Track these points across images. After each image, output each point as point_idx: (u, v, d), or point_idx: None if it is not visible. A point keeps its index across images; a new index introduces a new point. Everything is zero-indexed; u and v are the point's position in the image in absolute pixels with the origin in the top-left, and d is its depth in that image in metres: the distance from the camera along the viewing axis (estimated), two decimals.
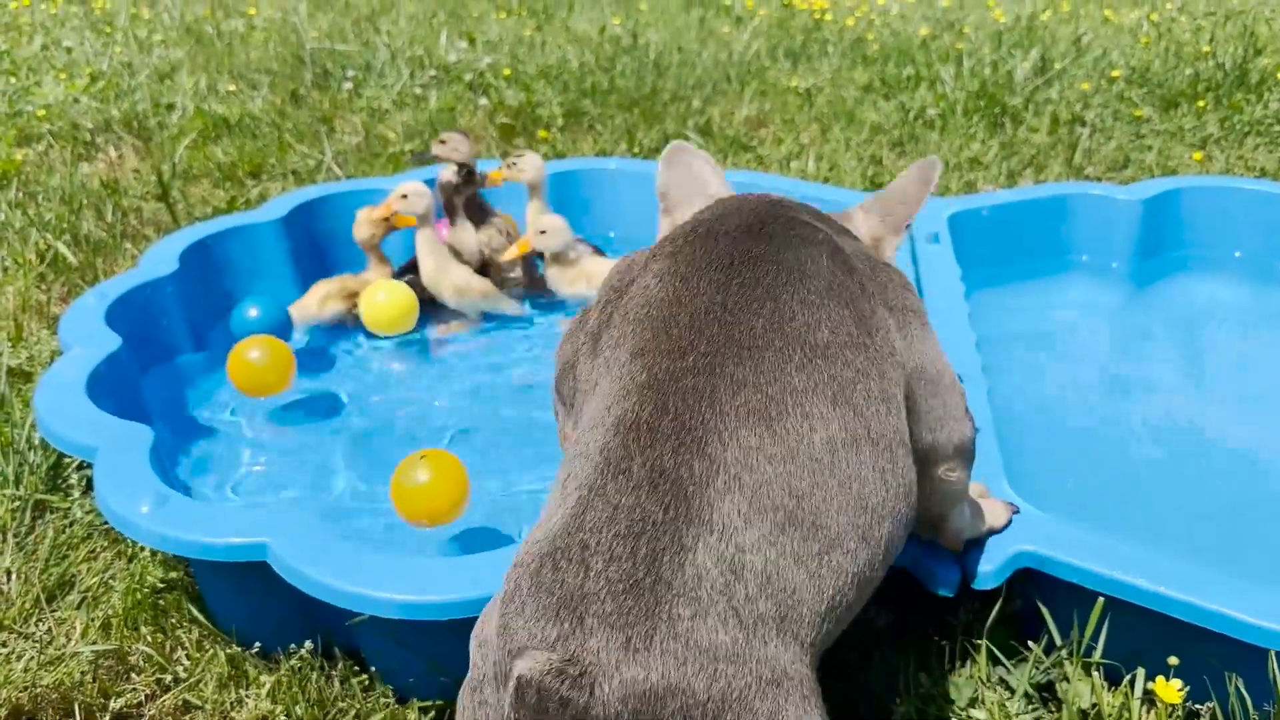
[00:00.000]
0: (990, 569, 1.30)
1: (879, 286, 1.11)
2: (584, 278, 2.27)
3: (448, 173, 2.30)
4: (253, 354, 1.86)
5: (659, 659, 0.79)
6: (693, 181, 1.30)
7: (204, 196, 3.09)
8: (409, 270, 2.28)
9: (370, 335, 2.16)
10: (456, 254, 2.29)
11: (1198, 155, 3.18)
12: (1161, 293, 2.39)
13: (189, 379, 2.02)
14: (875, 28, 4.95)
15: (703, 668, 0.79)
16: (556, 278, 2.30)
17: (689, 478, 0.86)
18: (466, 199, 2.32)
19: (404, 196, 2.18)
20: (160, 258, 2.08)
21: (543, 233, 2.24)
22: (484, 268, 2.34)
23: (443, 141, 2.29)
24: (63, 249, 2.59)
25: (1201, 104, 3.59)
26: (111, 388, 1.67)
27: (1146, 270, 2.41)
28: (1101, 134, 3.41)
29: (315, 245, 2.39)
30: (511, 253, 2.27)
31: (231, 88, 4.08)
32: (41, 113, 3.74)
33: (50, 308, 2.38)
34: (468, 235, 2.33)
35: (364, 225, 2.22)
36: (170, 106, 3.89)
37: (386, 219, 2.20)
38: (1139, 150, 3.28)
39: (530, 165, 2.30)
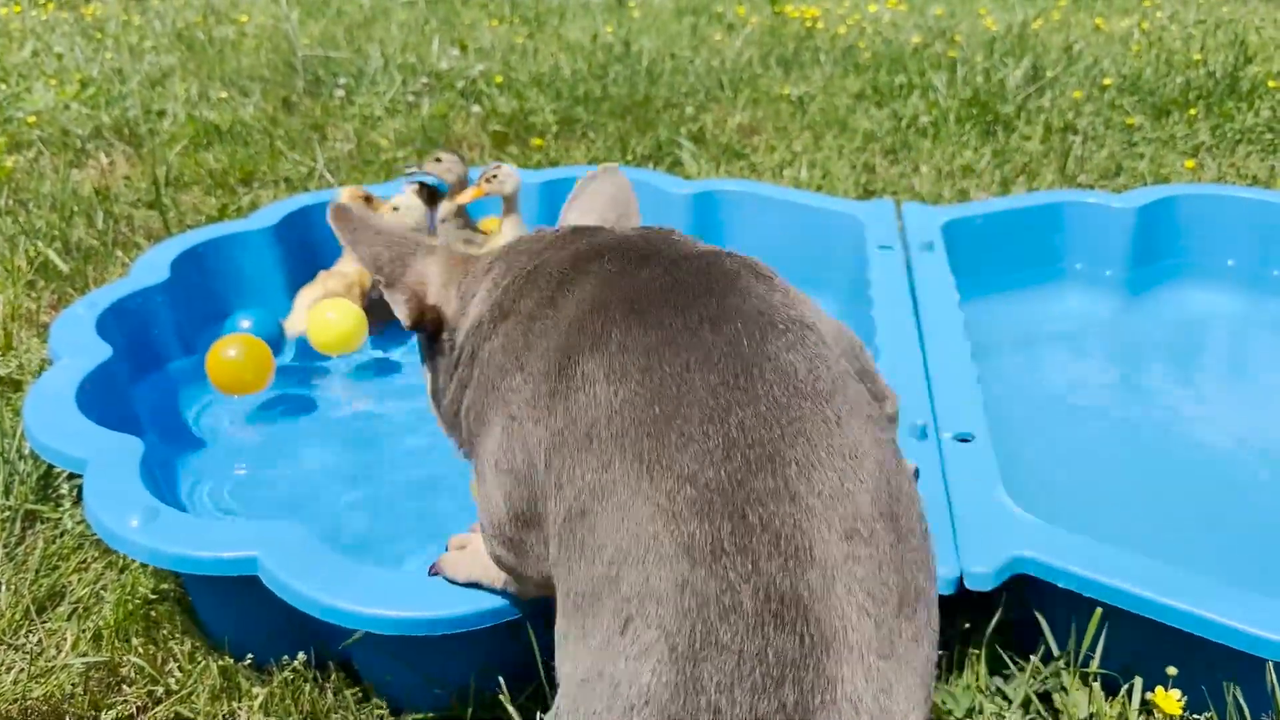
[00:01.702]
0: (987, 571, 1.29)
1: (789, 288, 1.02)
2: None
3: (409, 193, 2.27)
4: (230, 352, 1.85)
5: None
6: (610, 205, 1.22)
7: (195, 204, 3.08)
8: None
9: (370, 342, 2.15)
10: None
11: (1190, 163, 3.19)
12: (1155, 301, 2.39)
13: (180, 388, 2.01)
14: (867, 36, 4.96)
15: None
16: None
17: (810, 595, 0.73)
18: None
19: (493, 178, 2.23)
20: (151, 266, 2.06)
21: (493, 178, 2.25)
22: None
23: (438, 159, 2.28)
24: (53, 256, 2.57)
25: (1193, 112, 3.61)
26: (102, 398, 1.66)
27: (1140, 278, 2.41)
28: (1094, 142, 3.42)
29: (307, 253, 2.38)
30: (468, 195, 2.28)
31: (223, 95, 4.07)
32: (32, 119, 3.73)
33: (40, 316, 2.36)
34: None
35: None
36: (161, 113, 3.88)
37: (368, 199, 2.24)
38: (1131, 158, 3.29)
39: (508, 177, 2.29)
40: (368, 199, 2.25)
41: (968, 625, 1.40)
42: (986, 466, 1.46)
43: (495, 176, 2.28)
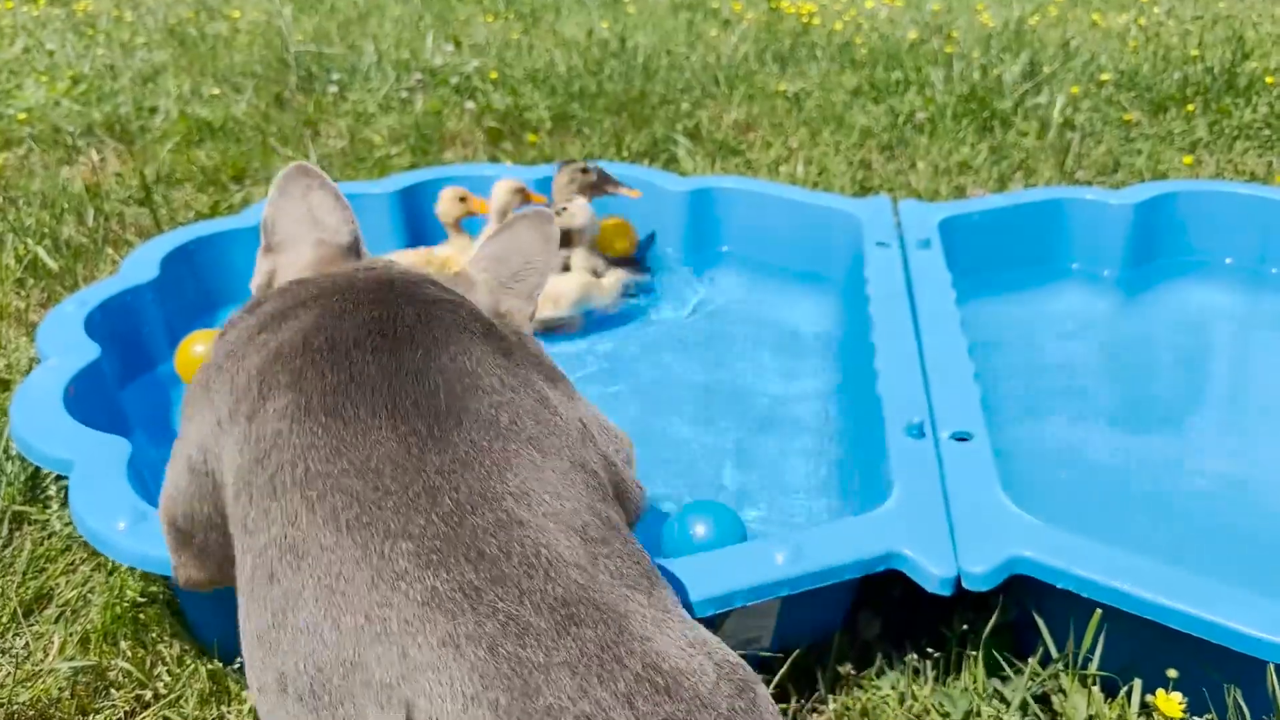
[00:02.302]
0: (984, 571, 1.28)
1: (534, 358, 1.04)
2: (549, 300, 2.20)
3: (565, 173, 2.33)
4: (199, 348, 1.85)
5: None
6: (306, 218, 1.12)
7: (187, 200, 3.06)
8: None
9: None
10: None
11: (1187, 159, 3.18)
12: (1153, 299, 2.38)
13: (171, 387, 1.99)
14: (863, 31, 4.94)
15: None
16: None
17: (584, 590, 0.77)
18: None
19: (561, 211, 2.23)
20: (141, 263, 2.04)
21: (562, 211, 2.25)
22: None
23: (564, 209, 2.29)
24: (43, 254, 2.55)
25: (1190, 108, 3.59)
26: (90, 398, 1.64)
27: (1138, 277, 2.39)
28: (1091, 138, 3.41)
29: None
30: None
31: (215, 91, 4.04)
32: (22, 116, 3.70)
33: (29, 314, 2.34)
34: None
35: (450, 202, 2.30)
36: (153, 110, 3.85)
37: (464, 199, 2.29)
38: (1129, 154, 3.28)
39: (579, 211, 2.27)
40: (521, 190, 2.27)
41: (965, 627, 1.39)
42: (984, 466, 1.45)
43: (565, 210, 2.27)
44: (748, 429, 1.90)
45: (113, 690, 1.41)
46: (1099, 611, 1.24)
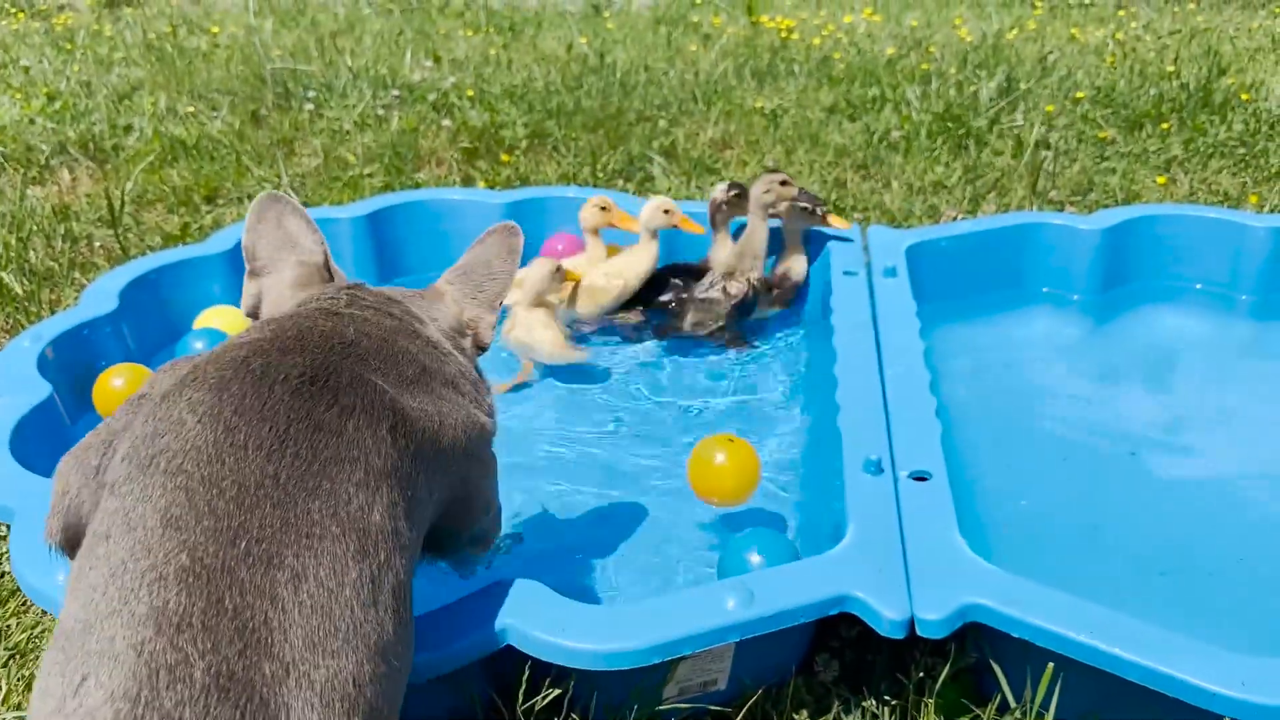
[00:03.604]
0: (938, 617, 1.26)
1: (436, 464, 1.09)
2: (521, 326, 2.16)
3: (720, 191, 2.32)
4: (117, 381, 1.79)
5: None
6: (284, 241, 1.26)
7: (158, 222, 3.04)
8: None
9: None
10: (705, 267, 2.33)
11: (1161, 179, 3.18)
12: (1123, 325, 2.37)
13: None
14: (842, 46, 4.94)
15: None
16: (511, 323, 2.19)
17: (261, 681, 0.81)
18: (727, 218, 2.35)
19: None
20: (100, 295, 2.02)
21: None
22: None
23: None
24: (8, 279, 2.53)
25: (1165, 125, 3.60)
26: (40, 439, 1.62)
27: (1108, 302, 2.39)
28: (1066, 156, 3.41)
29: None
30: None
31: (190, 109, 4.02)
32: None
33: None
34: (722, 251, 2.33)
35: (592, 210, 2.32)
36: (128, 128, 3.83)
37: (605, 209, 2.31)
38: (1103, 173, 3.27)
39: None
40: (671, 210, 2.27)
41: (922, 674, 1.38)
42: (942, 507, 1.43)
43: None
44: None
45: None
46: (1051, 665, 1.22)
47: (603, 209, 2.32)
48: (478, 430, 1.19)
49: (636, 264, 2.28)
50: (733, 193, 2.31)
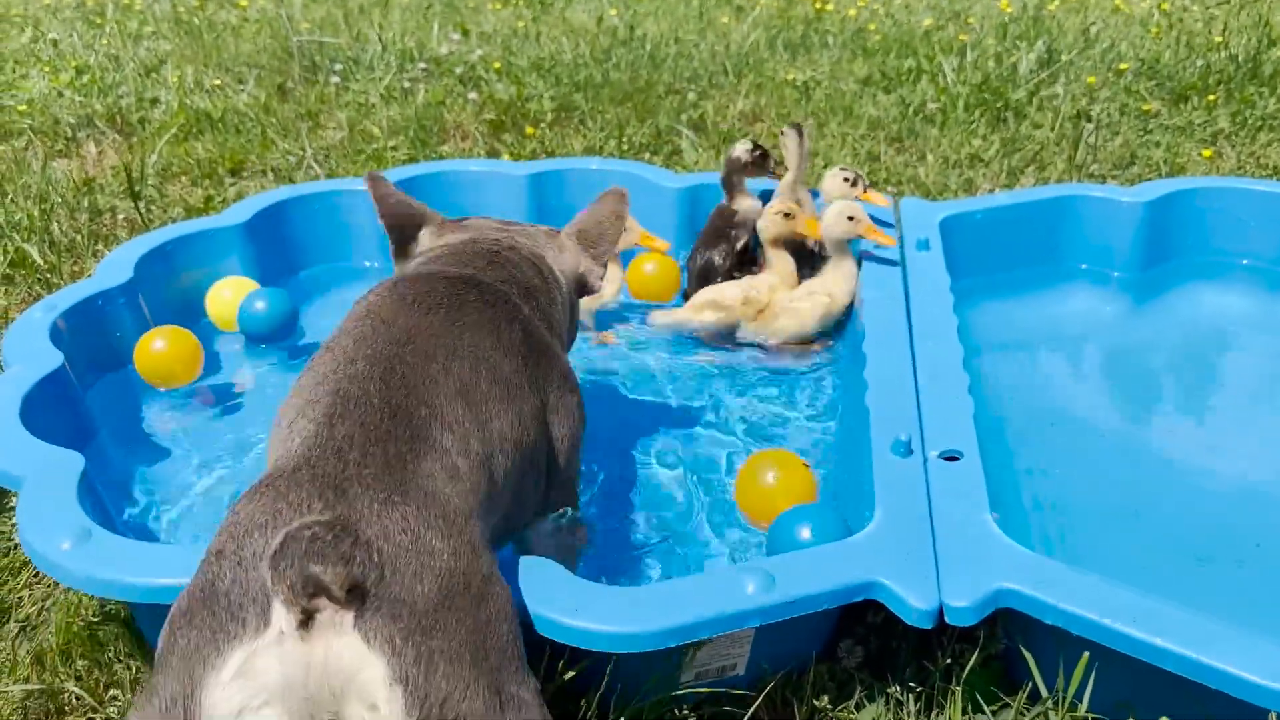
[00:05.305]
0: (968, 604, 1.21)
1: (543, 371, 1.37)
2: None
3: (741, 149, 2.24)
4: (158, 344, 1.88)
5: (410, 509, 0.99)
6: (407, 205, 1.57)
7: (182, 194, 3.01)
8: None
9: None
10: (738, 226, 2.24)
11: (1207, 152, 3.07)
12: (1164, 303, 2.28)
13: (143, 394, 1.94)
14: (878, 18, 4.83)
15: (430, 521, 0.99)
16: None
17: (417, 417, 1.12)
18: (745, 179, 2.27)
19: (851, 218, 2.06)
20: (115, 266, 1.99)
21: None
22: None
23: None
24: (31, 251, 2.51)
25: (1212, 98, 3.47)
26: (51, 408, 1.59)
27: (1150, 278, 2.30)
28: (1108, 129, 3.30)
29: (280, 250, 2.31)
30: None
31: (217, 82, 4.00)
32: (23, 108, 3.67)
33: (10, 313, 2.30)
34: (749, 203, 2.25)
35: (775, 222, 2.15)
36: (154, 101, 3.81)
37: (788, 215, 2.13)
38: (1146, 147, 3.17)
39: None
40: (854, 217, 2.07)
41: (949, 661, 1.32)
42: (973, 488, 1.37)
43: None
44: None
45: (65, 713, 1.37)
46: (1087, 654, 1.17)
47: (786, 216, 2.13)
48: (563, 364, 1.46)
49: (842, 281, 2.09)
50: (757, 153, 2.23)
